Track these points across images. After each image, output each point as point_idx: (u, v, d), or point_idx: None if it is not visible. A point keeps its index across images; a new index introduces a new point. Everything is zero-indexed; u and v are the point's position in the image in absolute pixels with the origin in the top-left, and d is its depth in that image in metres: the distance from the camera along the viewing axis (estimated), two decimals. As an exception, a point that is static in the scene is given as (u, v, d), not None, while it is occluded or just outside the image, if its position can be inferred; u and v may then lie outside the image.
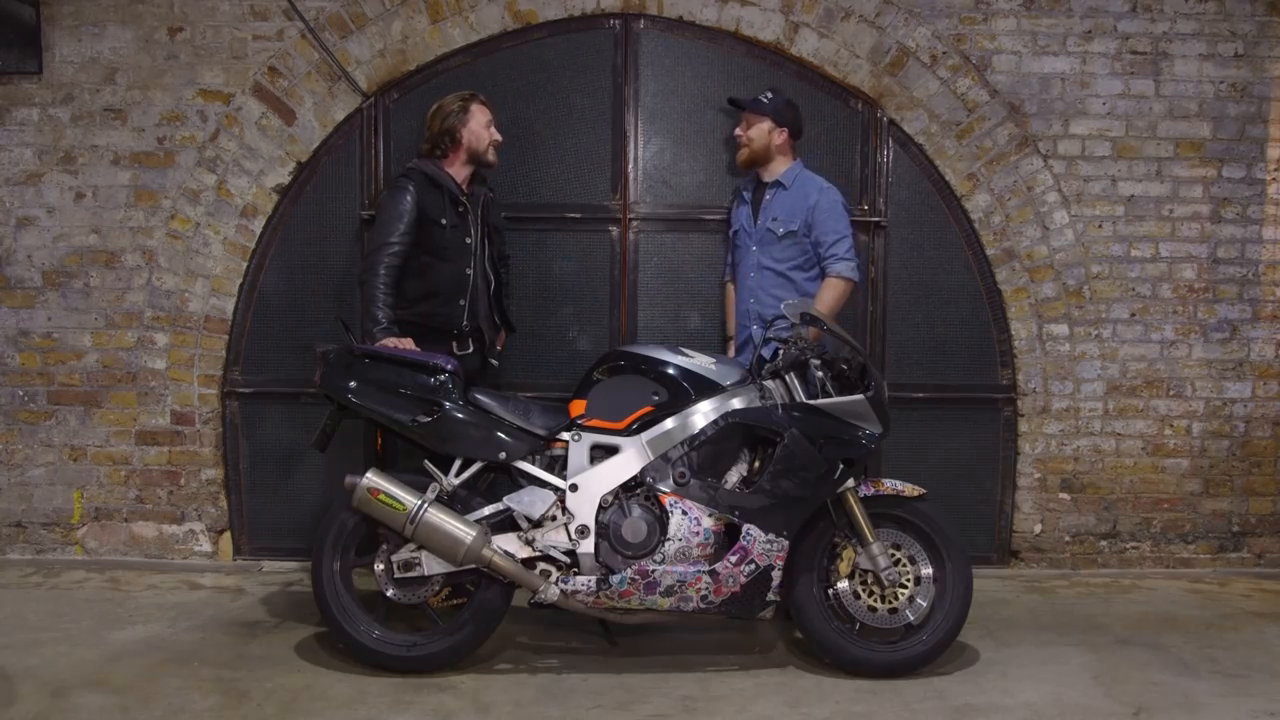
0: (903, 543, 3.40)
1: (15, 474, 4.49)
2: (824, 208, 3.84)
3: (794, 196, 3.90)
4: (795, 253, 3.89)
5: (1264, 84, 4.45)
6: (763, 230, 3.93)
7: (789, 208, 3.89)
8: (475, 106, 3.78)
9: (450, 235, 3.73)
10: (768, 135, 3.92)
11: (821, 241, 3.85)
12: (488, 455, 3.31)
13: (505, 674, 3.33)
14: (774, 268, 3.91)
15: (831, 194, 3.89)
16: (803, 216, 3.85)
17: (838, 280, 3.83)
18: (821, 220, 3.84)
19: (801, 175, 3.96)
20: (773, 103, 3.93)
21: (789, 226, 3.87)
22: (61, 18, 4.35)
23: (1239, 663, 3.47)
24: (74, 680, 3.19)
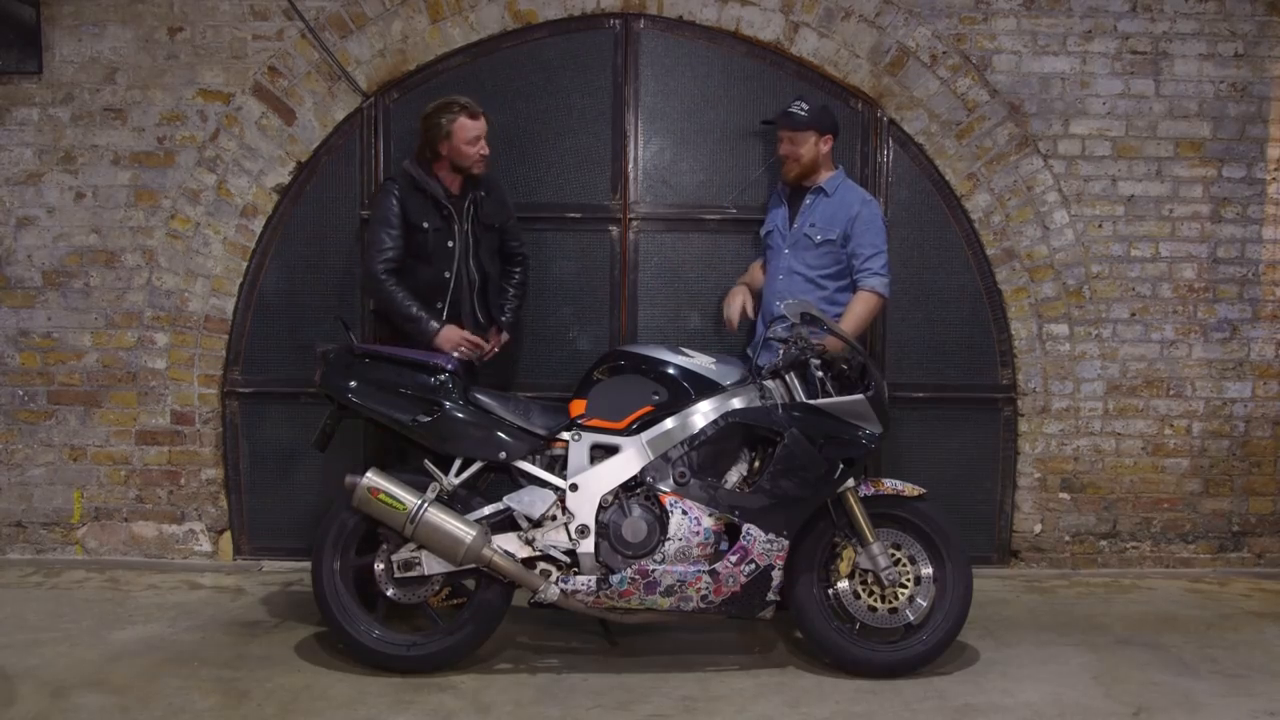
0: (903, 543, 3.40)
1: (15, 474, 4.49)
2: (865, 220, 3.80)
3: (836, 205, 3.86)
4: (829, 260, 3.85)
5: (1264, 84, 4.45)
6: (799, 235, 3.88)
7: (829, 216, 3.85)
8: (460, 122, 3.70)
9: (432, 239, 3.74)
10: (815, 148, 3.86)
11: (858, 254, 3.80)
12: (488, 455, 3.31)
13: (505, 674, 3.33)
14: (805, 273, 3.88)
15: (873, 207, 3.87)
16: (842, 227, 3.81)
17: (870, 294, 3.79)
18: (861, 232, 3.79)
19: (844, 184, 3.93)
20: (811, 113, 3.84)
21: (827, 235, 3.83)
22: (61, 18, 4.35)
23: (1239, 663, 3.47)
24: (74, 680, 3.19)
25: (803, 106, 3.86)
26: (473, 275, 3.85)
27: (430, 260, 3.77)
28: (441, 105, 3.77)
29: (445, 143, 3.73)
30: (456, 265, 3.78)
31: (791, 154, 3.88)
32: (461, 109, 3.73)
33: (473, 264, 3.85)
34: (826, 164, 3.93)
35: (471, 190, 3.84)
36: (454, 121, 3.70)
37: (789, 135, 3.88)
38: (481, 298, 3.90)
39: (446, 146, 3.73)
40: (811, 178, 3.92)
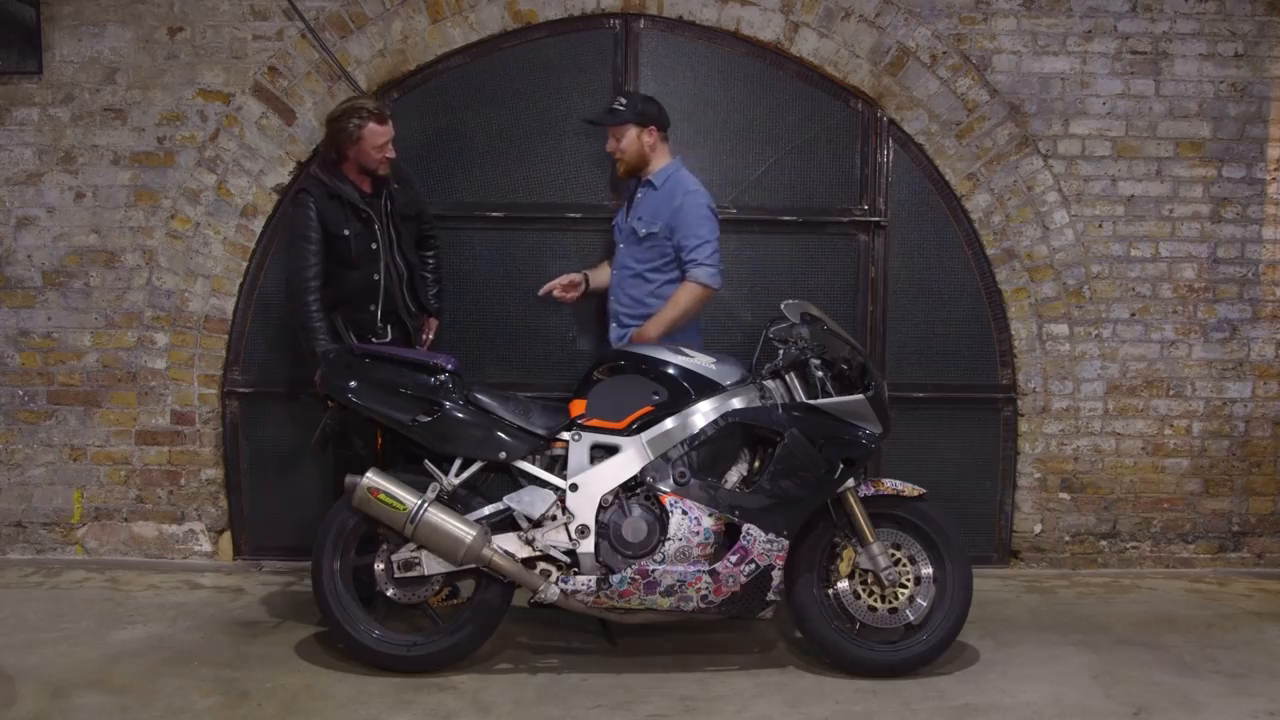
0: (903, 542, 3.40)
1: (15, 474, 4.49)
2: (687, 210, 3.70)
3: (661, 197, 3.78)
4: (655, 254, 3.77)
5: (1264, 84, 4.45)
6: (629, 229, 3.85)
7: (654, 209, 3.77)
8: (370, 128, 3.64)
9: (355, 244, 3.72)
10: (638, 140, 3.76)
11: (683, 245, 3.70)
12: (488, 455, 3.31)
13: (505, 674, 3.33)
14: (633, 267, 3.82)
15: (697, 197, 3.74)
16: (665, 220, 3.73)
17: (694, 285, 3.69)
18: (684, 223, 3.70)
19: (674, 176, 3.81)
20: (629, 107, 3.76)
21: (650, 228, 3.75)
22: (61, 18, 4.34)
23: (1239, 663, 3.47)
24: (74, 680, 3.19)
25: (621, 102, 3.80)
26: (400, 269, 3.85)
27: (356, 265, 3.74)
28: (350, 109, 3.70)
29: (353, 147, 3.68)
30: (384, 266, 3.77)
31: (615, 150, 3.81)
32: (370, 114, 3.66)
33: (399, 258, 3.85)
34: (659, 156, 3.82)
35: (385, 185, 3.83)
36: (363, 127, 3.64)
37: (611, 131, 3.80)
38: (410, 289, 3.91)
39: (354, 150, 3.68)
40: (645, 171, 3.83)
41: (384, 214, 3.81)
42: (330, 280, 3.73)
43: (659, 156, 3.84)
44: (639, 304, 3.84)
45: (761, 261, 4.46)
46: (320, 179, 3.73)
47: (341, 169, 3.75)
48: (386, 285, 3.79)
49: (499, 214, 4.43)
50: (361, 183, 3.78)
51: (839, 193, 4.47)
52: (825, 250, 4.49)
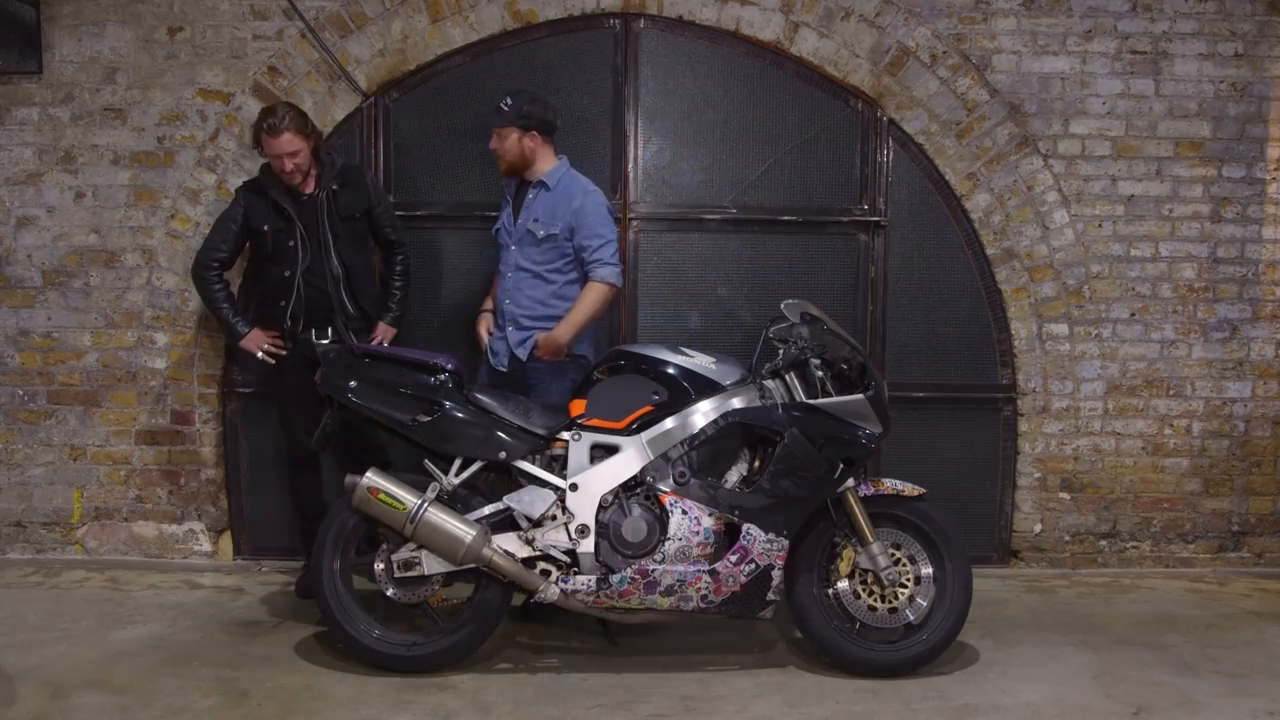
0: (903, 542, 3.40)
1: (15, 474, 4.49)
2: (588, 211, 3.71)
3: (557, 198, 3.75)
4: (554, 255, 3.75)
5: (1264, 83, 4.45)
6: (523, 231, 3.78)
7: (551, 210, 3.74)
8: (265, 141, 3.71)
9: (272, 240, 3.82)
10: (518, 143, 3.73)
11: (585, 246, 3.70)
12: (488, 455, 3.31)
13: (505, 674, 3.33)
14: (531, 268, 3.77)
15: (596, 197, 3.76)
16: (565, 220, 3.71)
17: (601, 285, 3.70)
18: (585, 224, 3.70)
19: (566, 176, 3.81)
20: (513, 108, 3.72)
21: (550, 229, 3.72)
22: (61, 17, 4.34)
23: (1239, 663, 3.47)
24: (74, 680, 3.19)
25: (507, 103, 3.75)
26: (335, 270, 3.85)
27: (275, 261, 3.85)
28: (263, 112, 3.80)
29: (260, 149, 3.78)
30: (302, 264, 3.80)
31: (497, 148, 3.79)
32: (265, 129, 3.70)
33: (334, 258, 3.85)
34: (543, 158, 3.79)
35: (324, 186, 3.84)
36: (260, 135, 3.74)
37: (495, 130, 3.77)
38: (349, 291, 3.89)
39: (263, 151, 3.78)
40: (528, 171, 3.80)
41: (318, 214, 3.82)
42: (255, 275, 3.98)
43: (543, 159, 3.80)
44: (541, 305, 3.77)
45: (761, 261, 4.47)
46: (257, 176, 3.90)
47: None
48: (310, 284, 3.82)
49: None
50: (302, 184, 3.82)
51: (839, 192, 4.47)
52: (825, 250, 4.49)
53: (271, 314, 3.88)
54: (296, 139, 3.71)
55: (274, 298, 3.86)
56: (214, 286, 3.88)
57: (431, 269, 4.45)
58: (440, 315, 4.47)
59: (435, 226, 4.44)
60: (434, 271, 4.46)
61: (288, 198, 3.80)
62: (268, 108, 3.82)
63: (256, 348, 3.87)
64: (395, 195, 4.40)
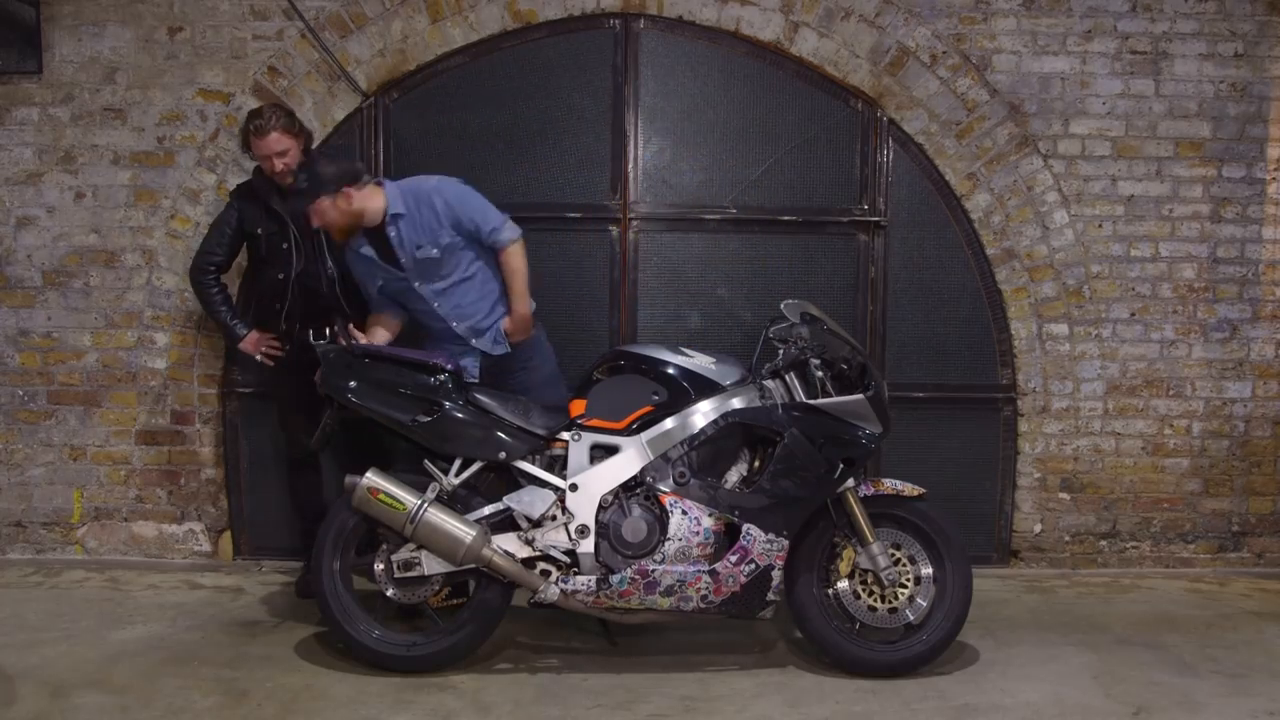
0: (903, 542, 3.40)
1: (15, 474, 4.48)
2: (454, 202, 3.55)
3: (418, 218, 3.55)
4: (459, 259, 3.61)
5: (1264, 84, 4.45)
6: (414, 263, 3.57)
7: (424, 230, 3.55)
8: (252, 142, 3.69)
9: (266, 243, 3.84)
10: (337, 208, 3.48)
11: (478, 227, 3.56)
12: (488, 455, 3.31)
13: (505, 674, 3.33)
14: (449, 282, 3.62)
15: (449, 185, 3.60)
16: (445, 225, 3.55)
17: (512, 247, 3.62)
18: (461, 212, 3.55)
19: (406, 191, 3.59)
20: (312, 182, 3.49)
21: (438, 242, 3.55)
22: (61, 17, 4.34)
23: (1239, 663, 3.47)
24: (74, 680, 3.19)
25: (302, 179, 3.54)
26: (330, 272, 3.85)
27: (269, 263, 3.86)
28: (249, 114, 3.80)
29: (251, 151, 3.78)
30: (297, 266, 3.81)
31: (322, 224, 3.55)
32: (252, 130, 3.69)
33: (329, 260, 3.85)
34: (370, 200, 3.53)
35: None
36: (247, 137, 3.74)
37: (310, 211, 3.53)
38: (345, 292, 3.87)
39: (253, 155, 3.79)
40: (366, 220, 3.54)
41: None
42: (252, 278, 3.97)
43: (370, 201, 3.54)
44: (481, 299, 3.68)
45: (761, 261, 4.47)
46: (251, 179, 3.90)
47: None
48: (305, 285, 3.82)
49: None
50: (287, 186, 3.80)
51: (839, 192, 4.47)
52: (825, 250, 4.49)
53: (268, 316, 3.88)
54: (284, 138, 3.70)
55: (269, 300, 3.87)
56: (211, 290, 3.89)
57: (431, 269, 4.45)
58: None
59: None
60: (434, 271, 4.45)
61: (280, 201, 3.80)
62: (254, 110, 3.82)
63: (255, 350, 3.89)
64: (395, 195, 4.41)
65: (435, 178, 3.66)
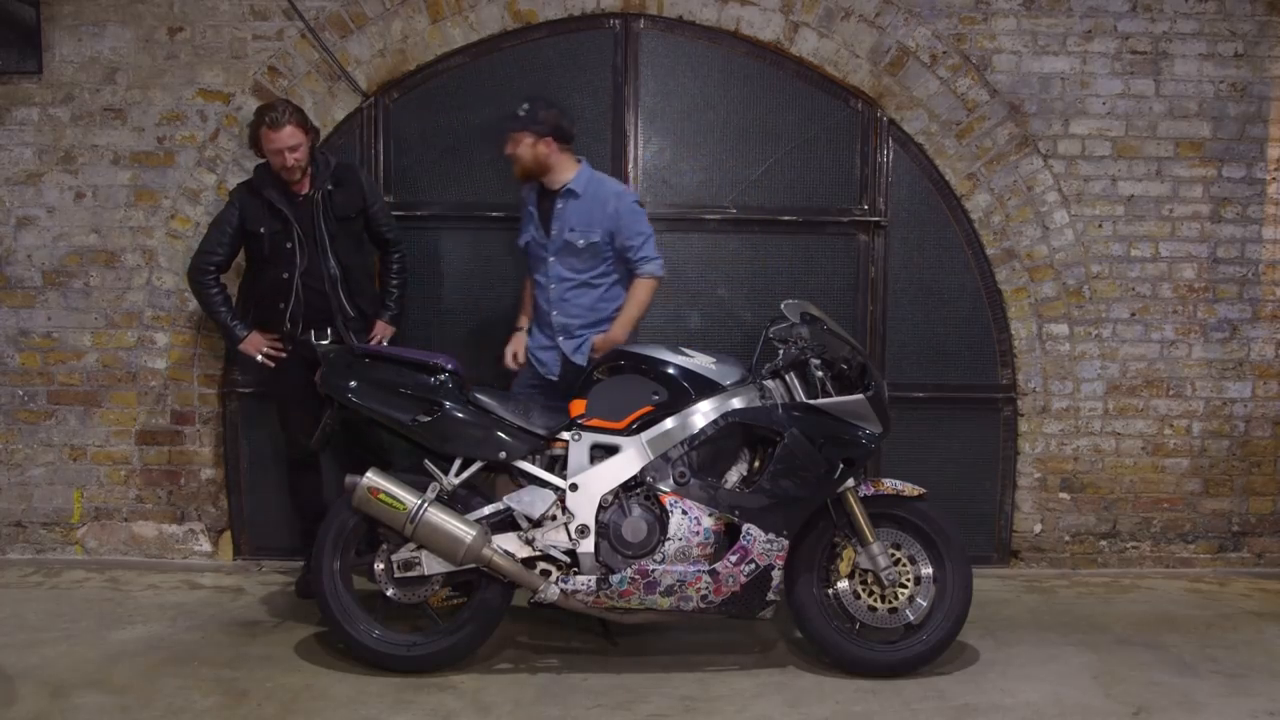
0: (903, 542, 3.40)
1: (15, 474, 4.48)
2: (625, 213, 3.75)
3: (589, 204, 3.76)
4: (597, 261, 3.78)
5: (1264, 84, 4.45)
6: (560, 242, 3.78)
7: (586, 217, 3.76)
8: (264, 133, 3.68)
9: (269, 243, 3.80)
10: (532, 149, 3.73)
11: (629, 246, 3.75)
12: (488, 455, 3.31)
13: (505, 674, 3.33)
14: (575, 277, 3.80)
15: (628, 197, 3.82)
16: (604, 226, 3.74)
17: (650, 281, 3.79)
18: (625, 226, 3.74)
19: (593, 180, 3.82)
20: (529, 115, 3.73)
21: (590, 237, 3.74)
22: (61, 18, 4.34)
23: (1239, 663, 3.47)
24: (74, 680, 3.19)
25: (524, 108, 3.76)
26: (332, 270, 3.84)
27: (272, 263, 3.83)
28: (260, 109, 3.79)
29: (259, 146, 3.76)
30: (300, 265, 3.79)
31: (512, 153, 3.79)
32: (265, 121, 3.70)
33: (331, 259, 3.84)
34: (561, 165, 3.79)
35: (319, 187, 3.83)
36: (259, 129, 3.71)
37: (510, 136, 3.78)
38: (347, 291, 3.88)
39: (261, 150, 3.76)
40: (547, 177, 3.81)
41: (314, 215, 3.81)
42: (254, 278, 3.93)
43: (561, 165, 3.80)
44: (590, 311, 3.82)
45: (761, 261, 4.47)
46: (252, 178, 3.87)
47: (270, 169, 3.81)
48: (309, 285, 3.81)
49: (499, 214, 4.43)
50: (296, 185, 3.81)
51: (839, 192, 4.48)
52: (825, 250, 4.49)
53: (270, 316, 3.86)
54: (298, 132, 3.72)
55: (272, 300, 3.84)
56: (211, 291, 3.86)
57: (431, 269, 4.45)
58: (440, 315, 4.47)
59: (435, 226, 4.45)
60: (434, 271, 4.46)
61: (283, 199, 3.79)
62: (265, 104, 3.82)
63: (256, 351, 3.86)
64: (395, 195, 4.41)
65: (624, 186, 3.93)
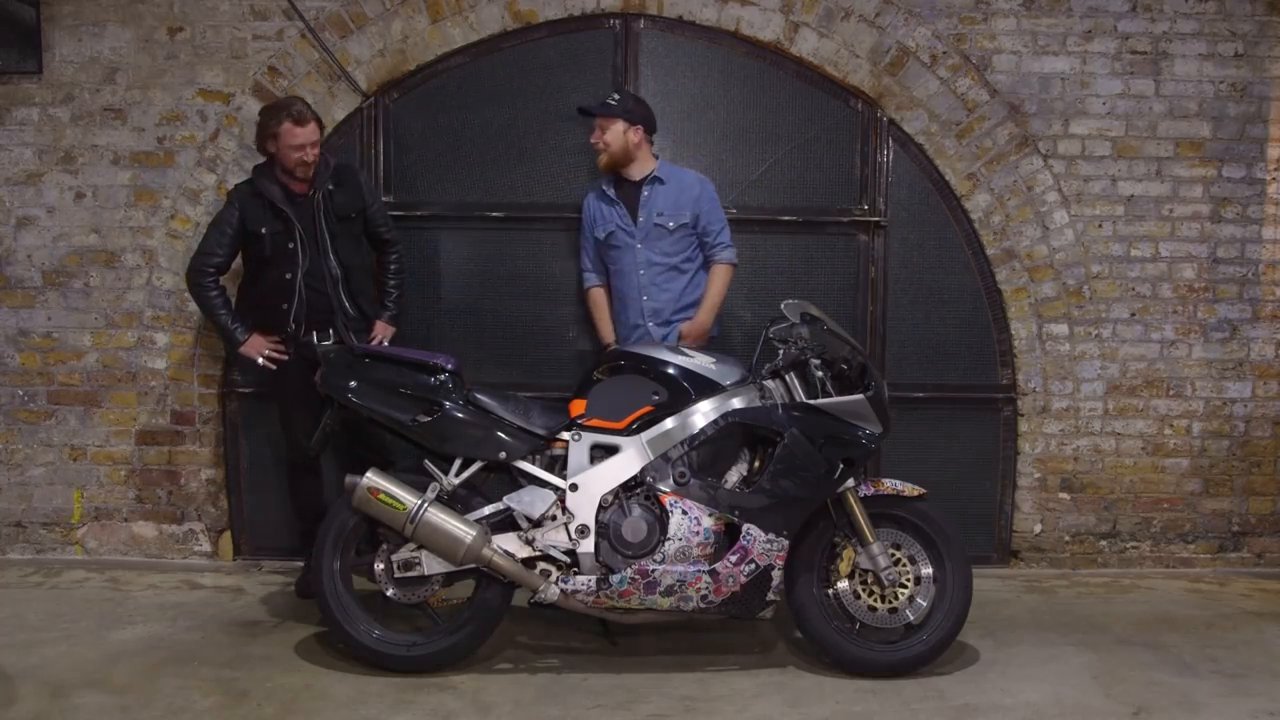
0: (903, 542, 3.40)
1: (15, 474, 4.49)
2: (709, 199, 3.97)
3: (675, 190, 3.96)
4: (685, 245, 3.96)
5: (1264, 84, 4.45)
6: (649, 226, 3.93)
7: (674, 202, 3.94)
8: (285, 128, 3.67)
9: (270, 243, 3.77)
10: (623, 136, 3.91)
11: (709, 230, 3.96)
12: (488, 455, 3.31)
13: (505, 674, 3.33)
14: (665, 261, 3.95)
15: (710, 185, 4.02)
16: (691, 209, 3.93)
17: (727, 267, 3.99)
18: (708, 210, 3.95)
19: (675, 170, 4.04)
20: (621, 103, 3.93)
21: (679, 219, 3.93)
22: (61, 18, 4.34)
23: (1239, 663, 3.47)
24: (74, 680, 3.19)
25: (614, 97, 3.97)
26: (334, 271, 3.84)
27: (274, 264, 3.80)
28: (275, 105, 3.78)
29: (272, 142, 3.73)
30: (303, 266, 3.78)
31: (599, 140, 3.94)
32: (289, 116, 3.69)
33: (332, 259, 3.83)
34: (644, 155, 3.98)
35: (320, 187, 3.81)
36: (279, 126, 3.68)
37: (599, 122, 3.94)
38: (348, 291, 3.88)
39: (274, 146, 3.73)
40: (628, 168, 3.97)
41: (315, 215, 3.80)
42: (253, 279, 3.90)
43: (645, 156, 3.99)
44: (680, 297, 3.96)
45: (761, 261, 4.46)
46: (252, 179, 3.84)
47: (271, 169, 3.79)
48: (311, 285, 3.80)
49: (499, 214, 4.43)
50: (291, 183, 3.79)
51: (839, 193, 4.48)
52: (825, 250, 4.49)
53: (273, 318, 3.83)
54: (318, 129, 3.74)
55: (275, 301, 3.81)
56: (210, 293, 3.82)
57: (432, 269, 4.46)
58: (440, 315, 4.47)
59: (435, 226, 4.45)
60: (434, 271, 4.46)
61: (285, 199, 3.78)
62: (284, 100, 3.81)
63: (257, 353, 3.83)
64: (395, 195, 4.41)
65: (702, 174, 4.07)
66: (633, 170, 3.98)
